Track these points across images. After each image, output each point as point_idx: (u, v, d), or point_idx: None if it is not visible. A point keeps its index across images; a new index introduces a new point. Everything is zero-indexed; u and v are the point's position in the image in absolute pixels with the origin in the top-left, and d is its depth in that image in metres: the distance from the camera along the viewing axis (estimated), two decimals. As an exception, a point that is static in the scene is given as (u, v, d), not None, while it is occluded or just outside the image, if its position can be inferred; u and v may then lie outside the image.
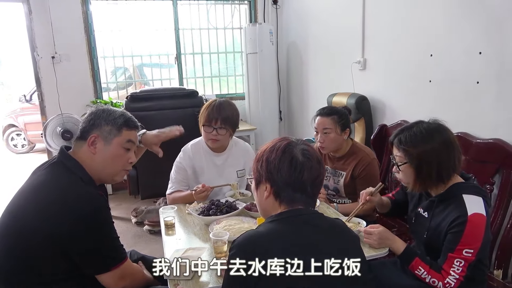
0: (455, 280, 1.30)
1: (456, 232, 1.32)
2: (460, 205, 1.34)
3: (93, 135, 1.33)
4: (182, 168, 2.07)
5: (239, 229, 1.56)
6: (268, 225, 1.05)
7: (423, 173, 1.39)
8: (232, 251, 1.00)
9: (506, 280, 1.78)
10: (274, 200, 1.08)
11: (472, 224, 1.30)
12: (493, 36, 1.95)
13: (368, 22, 2.95)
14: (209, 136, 1.99)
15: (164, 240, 1.62)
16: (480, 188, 1.42)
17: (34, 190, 1.29)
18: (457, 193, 1.37)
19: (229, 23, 4.61)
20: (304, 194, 1.07)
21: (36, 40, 3.79)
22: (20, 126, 6.95)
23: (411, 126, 1.45)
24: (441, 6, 2.26)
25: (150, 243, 3.12)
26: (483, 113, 2.04)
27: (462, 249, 1.30)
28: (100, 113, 1.37)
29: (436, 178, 1.39)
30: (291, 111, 4.61)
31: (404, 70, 2.63)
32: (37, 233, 1.19)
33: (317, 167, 1.08)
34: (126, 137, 1.37)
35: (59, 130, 3.43)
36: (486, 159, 1.96)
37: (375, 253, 1.45)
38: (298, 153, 1.06)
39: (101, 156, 1.33)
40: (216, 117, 1.95)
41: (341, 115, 2.02)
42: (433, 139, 1.38)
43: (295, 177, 1.05)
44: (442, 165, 1.38)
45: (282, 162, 1.05)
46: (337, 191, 2.11)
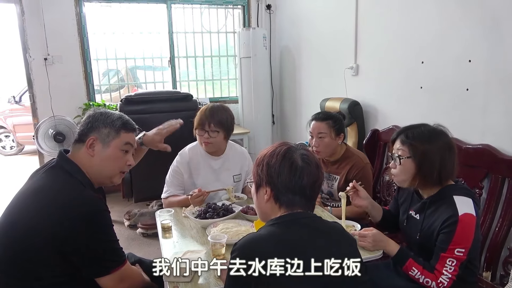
0: (448, 279, 1.34)
1: (447, 232, 1.36)
2: (451, 206, 1.38)
3: (91, 138, 1.34)
4: (178, 172, 2.08)
5: (236, 232, 1.58)
6: (269, 228, 1.07)
7: (424, 170, 1.43)
8: (233, 253, 1.02)
9: (494, 282, 1.83)
10: (274, 203, 1.11)
11: (463, 224, 1.34)
12: (482, 45, 2.01)
13: (361, 28, 3.01)
14: (202, 139, 2.02)
15: (162, 243, 1.64)
16: (469, 190, 1.47)
17: (33, 194, 1.29)
18: (448, 194, 1.42)
19: (222, 27, 4.64)
20: (304, 198, 1.10)
21: (29, 42, 3.77)
22: (9, 127, 6.86)
23: (418, 125, 1.50)
24: (433, 14, 2.32)
25: (144, 246, 3.12)
26: (473, 119, 2.10)
27: (454, 249, 1.34)
28: (98, 115, 1.38)
29: (436, 178, 1.43)
30: (284, 115, 4.65)
31: (396, 77, 2.68)
32: (37, 236, 1.19)
33: (315, 171, 1.11)
34: (124, 139, 1.39)
35: (51, 132, 3.41)
36: (475, 164, 2.02)
37: (369, 256, 1.48)
38: (298, 158, 1.10)
39: (99, 158, 1.35)
40: (209, 121, 1.98)
41: (335, 120, 2.06)
42: (439, 140, 1.44)
43: (295, 181, 1.08)
44: (444, 167, 1.42)
45: (283, 166, 1.09)
46: (331, 195, 2.15)
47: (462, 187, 1.46)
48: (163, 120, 3.19)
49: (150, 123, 2.89)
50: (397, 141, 1.51)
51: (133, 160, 1.46)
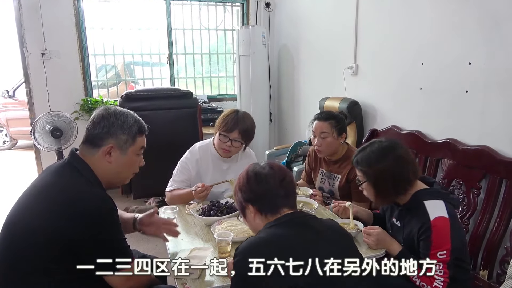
0: (442, 283, 1.39)
1: (424, 239, 1.43)
2: (422, 213, 1.44)
3: (110, 145, 1.32)
4: (187, 169, 2.08)
5: (241, 229, 1.60)
6: (268, 230, 1.12)
7: (381, 189, 1.51)
8: (236, 257, 1.06)
9: (491, 280, 1.87)
10: (260, 215, 1.18)
11: (436, 229, 1.40)
12: (482, 48, 2.05)
13: (361, 28, 3.03)
14: (223, 145, 1.99)
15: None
16: (440, 192, 1.52)
17: (43, 190, 1.29)
18: (419, 200, 1.48)
19: (220, 23, 4.64)
20: (280, 197, 1.17)
21: (26, 36, 3.73)
22: (2, 122, 6.77)
23: (365, 147, 1.57)
24: (433, 16, 2.35)
25: (142, 242, 3.11)
26: (471, 120, 2.14)
27: (436, 253, 1.39)
28: (113, 120, 1.34)
29: (394, 191, 1.51)
30: (281, 113, 4.67)
31: (395, 77, 2.71)
32: (45, 232, 1.19)
33: (279, 172, 1.20)
34: (140, 144, 1.39)
35: (49, 128, 3.39)
36: (473, 165, 2.06)
37: (372, 254, 1.51)
38: (259, 169, 1.20)
39: (116, 164, 1.34)
40: (235, 128, 1.95)
41: (338, 120, 2.08)
42: (385, 158, 1.50)
43: (265, 188, 1.17)
44: (397, 180, 1.49)
45: (250, 181, 1.19)
46: (332, 194, 2.17)
47: (433, 191, 1.51)
48: (163, 117, 3.21)
49: (150, 120, 2.90)
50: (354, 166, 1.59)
51: (143, 160, 1.46)
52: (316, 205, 1.85)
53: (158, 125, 3.14)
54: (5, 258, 1.25)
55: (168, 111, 3.16)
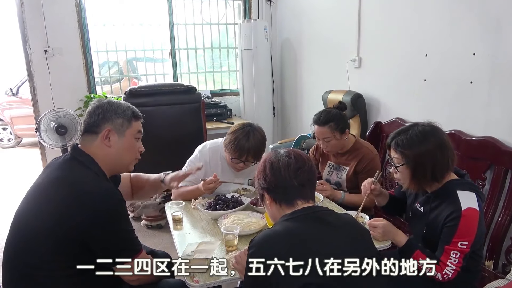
0: (452, 271, 1.39)
1: (451, 226, 1.40)
2: (455, 201, 1.42)
3: (107, 129, 1.36)
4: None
5: (247, 223, 1.61)
6: (284, 223, 1.11)
7: (418, 173, 1.48)
8: (251, 250, 1.06)
9: (496, 270, 1.88)
10: (275, 204, 1.17)
11: (466, 218, 1.38)
12: (486, 38, 2.04)
13: (364, 20, 3.01)
14: (235, 165, 1.97)
15: (174, 234, 1.66)
16: (474, 184, 1.51)
17: (50, 185, 1.31)
18: (451, 189, 1.46)
19: (222, 17, 4.62)
20: (294, 188, 1.15)
21: (29, 33, 3.73)
22: (6, 120, 6.81)
23: (407, 129, 1.53)
24: (437, 7, 2.34)
25: (148, 237, 3.14)
26: (476, 111, 2.13)
27: (458, 242, 1.38)
28: (107, 106, 1.39)
29: (430, 178, 1.48)
30: (284, 107, 4.66)
31: (399, 69, 2.70)
32: (56, 226, 1.20)
33: (298, 161, 1.17)
34: (136, 127, 1.43)
35: (53, 125, 3.40)
36: (478, 156, 2.06)
37: (378, 246, 1.51)
38: (276, 157, 1.18)
39: (115, 148, 1.38)
40: (248, 154, 1.90)
41: (337, 121, 2.03)
42: (428, 141, 1.46)
43: (277, 178, 1.15)
44: (437, 166, 1.46)
45: (265, 170, 1.18)
46: (339, 185, 2.18)
47: (466, 182, 1.50)
48: (167, 113, 3.21)
49: (154, 116, 2.91)
50: (391, 148, 1.54)
51: (143, 146, 1.49)
52: (322, 198, 1.86)
53: (162, 120, 3.16)
54: (17, 255, 1.27)
55: (171, 106, 3.16)
